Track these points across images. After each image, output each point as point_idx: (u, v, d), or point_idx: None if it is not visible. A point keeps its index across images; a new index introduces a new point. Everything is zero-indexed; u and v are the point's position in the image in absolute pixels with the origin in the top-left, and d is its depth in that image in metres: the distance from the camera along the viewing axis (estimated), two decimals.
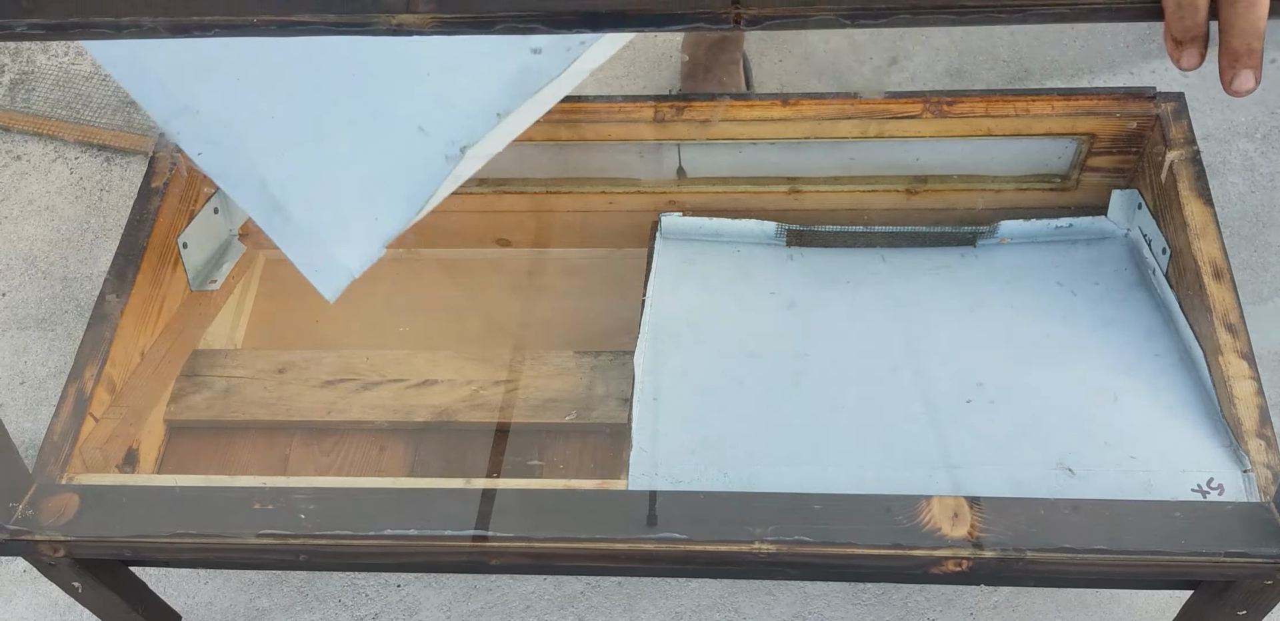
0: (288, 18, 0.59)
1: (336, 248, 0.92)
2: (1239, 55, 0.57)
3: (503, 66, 0.97)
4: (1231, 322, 0.95)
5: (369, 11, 0.59)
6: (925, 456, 0.94)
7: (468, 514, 0.86)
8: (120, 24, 0.60)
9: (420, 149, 0.95)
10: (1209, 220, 1.01)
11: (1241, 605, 0.91)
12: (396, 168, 0.95)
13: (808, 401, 0.99)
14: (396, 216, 0.93)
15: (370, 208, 0.93)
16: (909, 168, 1.15)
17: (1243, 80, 0.57)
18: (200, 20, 0.59)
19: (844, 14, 0.57)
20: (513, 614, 1.16)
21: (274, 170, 0.92)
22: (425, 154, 0.94)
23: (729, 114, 1.11)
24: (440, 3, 0.58)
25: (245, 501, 0.88)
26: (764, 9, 0.58)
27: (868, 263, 1.12)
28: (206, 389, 1.14)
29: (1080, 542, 0.82)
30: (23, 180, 1.54)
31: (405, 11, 0.59)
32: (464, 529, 0.85)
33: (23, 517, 0.89)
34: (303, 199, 0.92)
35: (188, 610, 1.18)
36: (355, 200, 0.94)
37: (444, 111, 0.96)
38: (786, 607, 1.15)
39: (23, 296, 1.43)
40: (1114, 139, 1.10)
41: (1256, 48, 0.56)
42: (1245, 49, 0.56)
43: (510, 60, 0.97)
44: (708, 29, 0.58)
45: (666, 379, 1.01)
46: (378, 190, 0.94)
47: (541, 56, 0.96)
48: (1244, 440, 0.90)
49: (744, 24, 0.58)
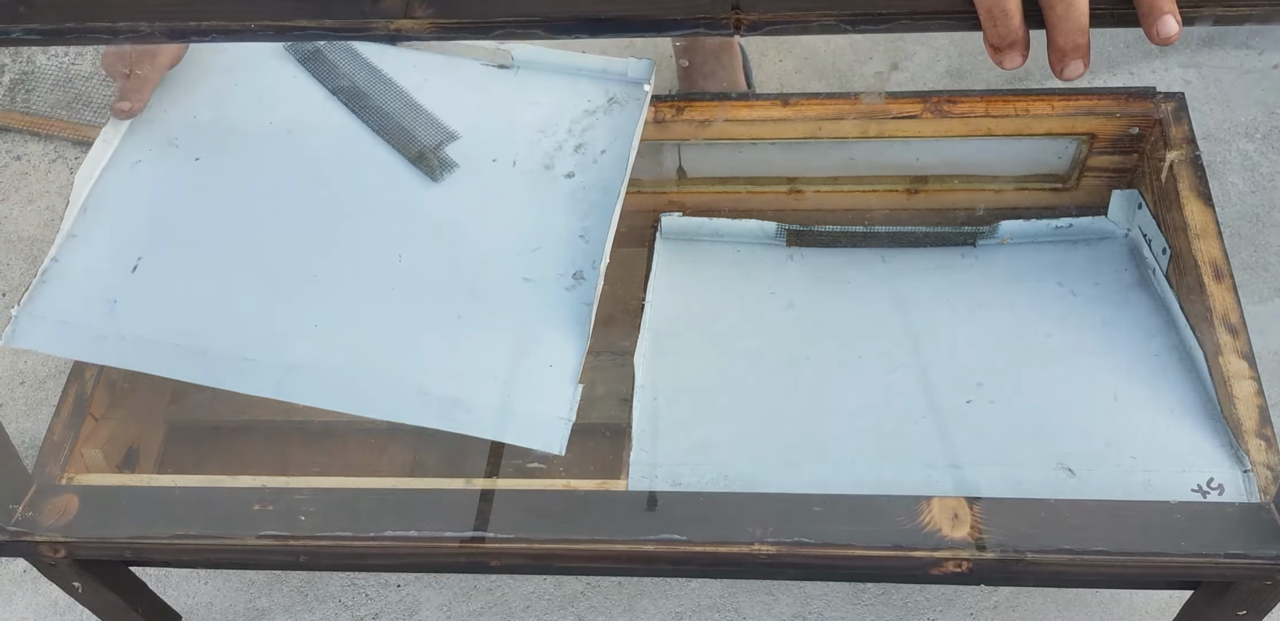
0: (285, 23, 0.59)
1: (537, 408, 0.91)
2: (1066, 52, 0.59)
3: (550, 194, 1.01)
4: (1231, 323, 0.95)
5: (368, 16, 0.59)
6: (925, 456, 0.94)
7: (468, 515, 0.86)
8: (117, 29, 0.60)
9: (538, 294, 0.96)
10: (1209, 220, 1.01)
11: (1241, 605, 0.91)
12: (530, 320, 0.95)
13: (808, 401, 0.99)
14: (569, 355, 0.94)
15: (538, 362, 0.93)
16: (909, 168, 1.15)
17: (1072, 69, 0.60)
18: (198, 25, 0.59)
19: (845, 19, 0.57)
20: (513, 614, 1.16)
21: (428, 379, 0.92)
22: (545, 296, 0.96)
23: (729, 114, 1.11)
24: (438, 8, 0.58)
25: (245, 502, 0.88)
26: (764, 14, 0.58)
27: (868, 263, 1.12)
28: (207, 389, 1.13)
29: (1080, 544, 0.82)
30: (23, 180, 1.54)
31: (404, 17, 0.58)
32: (464, 530, 0.85)
33: (22, 519, 0.89)
34: (471, 387, 0.92)
35: (188, 610, 1.18)
36: (519, 364, 0.93)
37: (532, 257, 0.98)
38: (786, 607, 1.15)
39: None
40: (1114, 139, 1.10)
41: (1082, 43, 0.59)
42: (1071, 46, 0.59)
43: (553, 188, 1.02)
44: (707, 34, 0.58)
45: (666, 379, 1.01)
46: (533, 346, 0.94)
47: (575, 179, 1.02)
48: (1244, 440, 0.90)
49: (744, 29, 0.58)
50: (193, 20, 0.59)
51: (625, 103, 1.07)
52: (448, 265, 0.98)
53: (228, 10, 0.59)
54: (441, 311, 0.96)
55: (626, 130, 1.05)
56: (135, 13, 0.60)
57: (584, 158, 1.04)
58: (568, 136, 1.05)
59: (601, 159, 1.04)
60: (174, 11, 0.60)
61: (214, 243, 1.00)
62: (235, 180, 1.03)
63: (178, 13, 0.60)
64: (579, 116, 1.07)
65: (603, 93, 1.08)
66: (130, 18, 0.60)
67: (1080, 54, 0.59)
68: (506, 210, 1.01)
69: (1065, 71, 0.60)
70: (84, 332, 0.94)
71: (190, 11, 0.60)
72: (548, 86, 1.09)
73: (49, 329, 0.95)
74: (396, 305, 0.96)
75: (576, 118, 1.07)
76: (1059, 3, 0.58)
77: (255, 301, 0.97)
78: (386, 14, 0.59)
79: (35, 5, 0.60)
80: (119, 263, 0.98)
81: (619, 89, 1.09)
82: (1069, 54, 0.59)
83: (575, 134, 1.05)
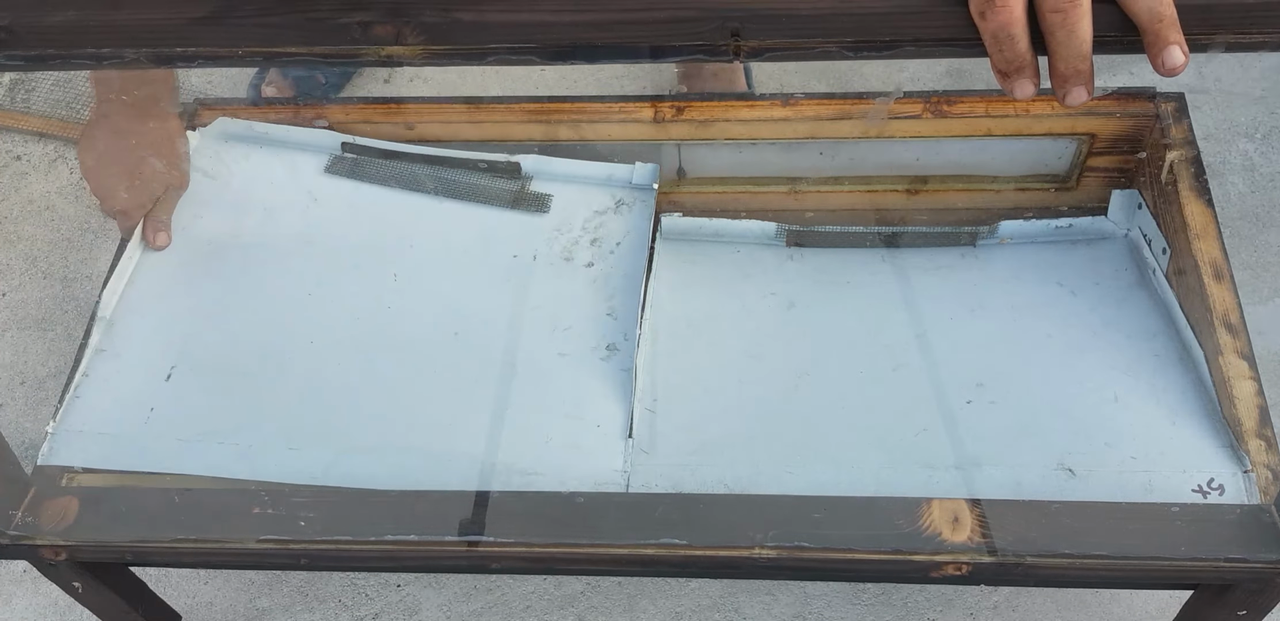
0: (274, 49, 0.58)
1: (591, 463, 0.94)
2: (1067, 77, 0.59)
3: (573, 282, 1.05)
4: (1231, 322, 0.95)
5: (358, 43, 0.58)
6: (926, 457, 0.94)
7: (468, 518, 0.86)
8: (101, 55, 0.58)
9: (574, 367, 1.00)
10: (1209, 220, 1.00)
11: (1241, 605, 0.91)
12: (570, 388, 0.98)
13: (808, 402, 0.99)
14: (616, 413, 0.97)
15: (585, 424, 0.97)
16: (909, 168, 1.14)
17: (1074, 95, 0.60)
18: (184, 51, 0.58)
19: (847, 46, 0.57)
20: (513, 614, 1.16)
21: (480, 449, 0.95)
22: (581, 367, 1.00)
23: (729, 114, 1.11)
24: (430, 35, 0.57)
25: (245, 505, 0.88)
26: (764, 41, 0.57)
27: (868, 263, 1.12)
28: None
29: (1080, 548, 0.82)
30: (23, 180, 1.54)
31: (395, 43, 0.58)
32: (464, 534, 0.85)
33: (22, 523, 0.89)
34: (523, 453, 0.95)
35: (188, 610, 1.18)
36: (566, 427, 0.96)
37: (564, 335, 1.02)
38: (786, 607, 1.15)
39: (23, 296, 1.43)
40: (1114, 139, 1.10)
41: (1084, 69, 0.58)
42: (1072, 72, 0.59)
43: (575, 276, 1.06)
44: (706, 60, 0.57)
45: (666, 380, 1.01)
46: (577, 410, 0.97)
47: (595, 267, 1.05)
48: (1244, 440, 0.90)
49: (744, 56, 0.57)
50: (178, 46, 0.58)
51: (633, 204, 1.11)
52: (484, 349, 1.01)
53: (215, 36, 0.58)
54: (482, 390, 0.99)
55: (639, 226, 1.09)
56: (119, 39, 0.58)
57: (601, 249, 1.08)
58: (582, 233, 1.09)
59: (618, 250, 1.08)
60: (159, 38, 0.58)
61: (248, 343, 1.02)
62: (263, 284, 1.06)
63: (163, 39, 0.58)
64: (590, 216, 1.11)
65: (610, 197, 1.12)
66: (114, 44, 0.58)
67: (1082, 80, 0.59)
68: (533, 298, 1.04)
69: (1068, 98, 0.60)
70: (123, 443, 0.95)
71: (175, 38, 0.58)
72: (557, 194, 1.13)
73: (87, 443, 0.96)
74: (436, 388, 0.99)
75: (588, 217, 1.11)
76: (1059, 29, 0.57)
77: (297, 396, 0.98)
78: (377, 41, 0.58)
79: (16, 32, 0.59)
80: (152, 372, 0.99)
81: (626, 193, 1.13)
82: (1070, 80, 0.59)
83: (590, 231, 1.09)
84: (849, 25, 0.57)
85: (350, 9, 0.57)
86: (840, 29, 0.57)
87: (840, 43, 0.57)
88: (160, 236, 1.09)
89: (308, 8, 0.58)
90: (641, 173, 1.13)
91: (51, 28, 0.59)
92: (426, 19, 0.57)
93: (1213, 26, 0.57)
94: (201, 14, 0.58)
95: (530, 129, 1.13)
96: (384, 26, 0.57)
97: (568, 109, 1.12)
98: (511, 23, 0.57)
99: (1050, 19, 0.57)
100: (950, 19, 0.58)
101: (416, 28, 0.57)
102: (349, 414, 0.97)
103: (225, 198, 1.12)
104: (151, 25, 0.58)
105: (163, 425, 0.96)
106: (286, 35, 0.58)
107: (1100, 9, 0.57)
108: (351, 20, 0.57)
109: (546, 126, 1.13)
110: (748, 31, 0.57)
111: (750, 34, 0.57)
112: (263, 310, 1.04)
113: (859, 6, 0.57)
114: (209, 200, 1.12)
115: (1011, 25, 0.57)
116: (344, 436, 0.96)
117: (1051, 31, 0.57)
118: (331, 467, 0.93)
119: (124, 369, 1.00)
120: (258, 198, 1.12)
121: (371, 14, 0.57)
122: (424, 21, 0.57)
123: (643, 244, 1.07)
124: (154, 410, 0.96)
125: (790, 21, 0.57)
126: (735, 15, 0.56)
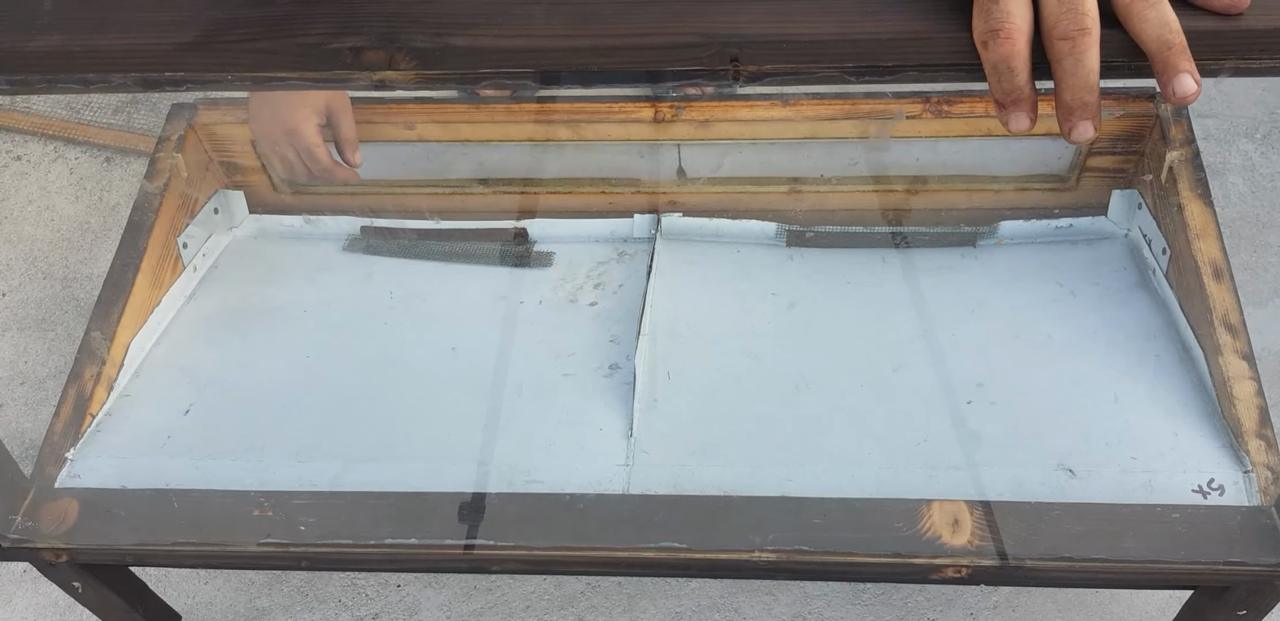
0: (265, 74, 0.57)
1: (593, 460, 0.96)
2: (1073, 109, 0.56)
3: (577, 318, 1.08)
4: (1231, 323, 0.95)
5: (350, 68, 0.56)
6: (926, 457, 0.94)
7: (468, 521, 0.86)
8: (88, 80, 0.57)
9: (578, 384, 1.01)
10: (1209, 220, 1.00)
11: (1241, 605, 0.91)
12: (574, 401, 1.00)
13: (808, 403, 0.99)
14: (617, 418, 0.98)
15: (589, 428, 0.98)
16: (909, 168, 1.14)
17: (1080, 131, 0.57)
18: (172, 76, 0.57)
19: (849, 71, 0.55)
20: (513, 614, 1.16)
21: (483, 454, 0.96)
22: (584, 384, 1.01)
23: (729, 114, 1.10)
24: (423, 60, 0.56)
25: (245, 508, 0.88)
26: (764, 66, 0.55)
27: (868, 263, 1.12)
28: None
29: (1080, 551, 0.82)
30: (23, 180, 1.54)
31: (388, 68, 0.56)
32: (464, 537, 0.85)
33: (22, 527, 0.89)
34: (527, 455, 0.96)
35: (188, 610, 1.18)
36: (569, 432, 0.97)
37: (568, 360, 1.04)
38: (786, 607, 1.15)
39: (23, 296, 1.43)
40: (1114, 139, 1.10)
41: (1090, 101, 0.56)
42: (1078, 103, 0.56)
43: (579, 313, 1.09)
44: (706, 85, 0.56)
45: (666, 380, 1.01)
46: (580, 417, 0.98)
47: (598, 306, 1.09)
48: (1244, 440, 0.90)
49: (743, 81, 0.56)
50: (167, 70, 0.57)
51: (635, 254, 1.15)
52: (488, 372, 1.04)
53: (204, 61, 0.57)
54: (490, 405, 1.01)
55: (640, 270, 1.12)
56: (106, 64, 0.57)
57: (604, 291, 1.10)
58: (586, 280, 1.12)
59: (620, 290, 1.10)
60: (148, 62, 0.57)
61: (264, 379, 1.05)
62: (280, 336, 1.09)
63: (151, 63, 0.57)
64: (594, 266, 1.14)
65: (613, 249, 1.16)
66: (101, 69, 0.57)
67: (1089, 114, 0.56)
68: (537, 333, 1.07)
69: (1073, 133, 0.57)
70: (140, 463, 0.97)
71: (165, 62, 0.57)
72: (561, 252, 1.16)
73: (105, 465, 0.97)
74: (445, 407, 1.00)
75: (592, 267, 1.14)
76: (1066, 57, 0.55)
77: (308, 416, 1.01)
78: (369, 66, 0.56)
79: (2, 57, 0.58)
80: (172, 410, 1.02)
81: (626, 245, 1.16)
82: (1076, 112, 0.56)
83: (593, 277, 1.12)
84: (850, 51, 0.55)
85: (341, 34, 0.56)
86: (841, 55, 0.55)
87: (842, 68, 0.55)
88: (357, 154, 1.13)
89: (298, 32, 0.56)
90: (641, 225, 1.16)
91: (35, 53, 0.58)
92: (419, 44, 0.56)
93: (1222, 52, 0.55)
94: (189, 39, 0.57)
95: (530, 129, 1.13)
96: (376, 52, 0.56)
97: (567, 109, 1.12)
98: (505, 48, 0.56)
99: (1058, 47, 0.55)
100: (953, 46, 0.56)
101: (409, 53, 0.56)
102: (361, 429, 1.00)
103: (253, 276, 1.17)
104: (138, 50, 0.57)
105: (179, 448, 0.98)
106: (277, 60, 0.56)
107: (1108, 35, 0.55)
108: (343, 45, 0.56)
109: (547, 126, 1.13)
110: (746, 56, 0.55)
111: (749, 59, 0.55)
112: (280, 352, 1.08)
113: (861, 32, 0.55)
114: (239, 280, 1.17)
115: (1013, 57, 0.55)
116: (354, 448, 0.98)
117: (1059, 60, 0.55)
118: (341, 476, 0.95)
119: (145, 409, 1.03)
120: (280, 274, 1.17)
121: (363, 39, 0.56)
122: (416, 47, 0.56)
123: (643, 284, 1.09)
124: (170, 438, 0.99)
125: (790, 47, 0.55)
126: (734, 41, 0.55)
